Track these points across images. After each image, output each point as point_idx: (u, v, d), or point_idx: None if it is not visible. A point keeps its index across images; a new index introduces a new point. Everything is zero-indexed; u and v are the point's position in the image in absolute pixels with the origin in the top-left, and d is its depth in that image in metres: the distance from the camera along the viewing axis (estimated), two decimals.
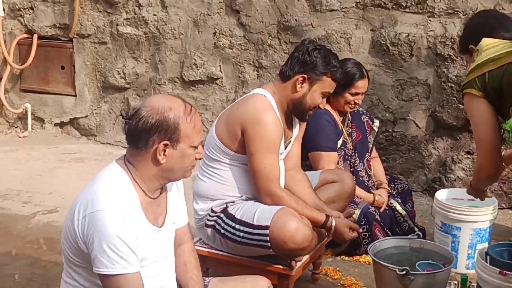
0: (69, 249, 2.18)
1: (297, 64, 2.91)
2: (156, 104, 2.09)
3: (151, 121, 2.06)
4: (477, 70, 2.39)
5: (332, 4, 4.50)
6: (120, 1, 5.18)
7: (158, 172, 2.14)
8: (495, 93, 2.35)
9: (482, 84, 2.35)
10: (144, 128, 2.06)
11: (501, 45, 2.38)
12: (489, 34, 2.50)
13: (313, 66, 2.88)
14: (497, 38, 2.47)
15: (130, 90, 5.35)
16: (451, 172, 4.37)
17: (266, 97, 2.91)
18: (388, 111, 4.49)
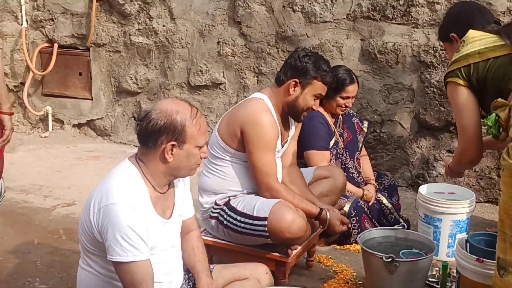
0: (86, 238, 2.18)
1: (290, 69, 2.92)
2: (165, 108, 2.11)
3: (160, 123, 2.07)
4: (462, 61, 2.31)
5: (325, 16, 4.50)
6: (133, 13, 5.18)
7: (166, 170, 2.15)
8: (478, 84, 2.29)
9: (467, 74, 2.29)
10: (154, 129, 2.08)
11: (487, 38, 2.31)
12: (471, 22, 2.43)
13: (304, 71, 2.88)
14: (478, 27, 2.40)
15: (141, 94, 5.34)
16: (433, 168, 4.37)
17: (264, 101, 2.91)
18: (376, 113, 4.49)
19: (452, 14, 2.62)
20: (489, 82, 2.25)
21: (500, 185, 2.17)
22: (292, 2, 4.58)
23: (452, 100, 2.40)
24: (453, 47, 2.49)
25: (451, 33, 2.51)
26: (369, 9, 4.37)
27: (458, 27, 2.47)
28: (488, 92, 2.27)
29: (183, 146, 2.13)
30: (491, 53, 2.25)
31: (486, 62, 2.25)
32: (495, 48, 2.26)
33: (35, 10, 5.58)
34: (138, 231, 2.05)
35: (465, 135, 2.34)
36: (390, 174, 4.32)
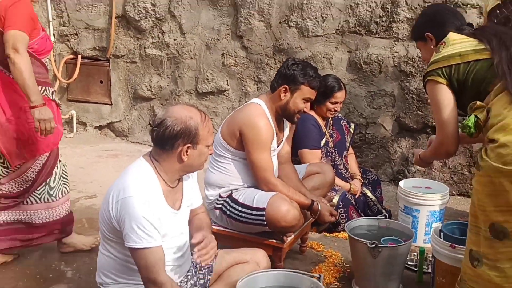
0: (105, 227, 2.19)
1: (280, 77, 2.92)
2: (179, 115, 2.11)
3: (176, 129, 2.09)
4: (444, 61, 2.22)
5: (317, 31, 4.50)
6: (147, 28, 5.18)
7: (181, 167, 2.18)
8: (458, 85, 2.21)
9: (448, 74, 2.20)
10: (171, 134, 2.09)
11: (467, 42, 2.23)
12: (445, 22, 2.34)
13: (292, 78, 2.87)
14: (452, 27, 2.32)
15: (155, 100, 5.34)
16: (412, 165, 4.37)
17: (260, 105, 2.92)
18: (361, 116, 4.49)
19: (427, 15, 2.50)
20: (469, 84, 2.18)
21: (473, 183, 2.12)
22: (288, 18, 4.58)
23: (432, 97, 2.28)
24: (427, 46, 2.41)
25: (426, 32, 2.39)
26: (356, 25, 4.37)
27: (433, 26, 2.38)
28: (467, 93, 2.20)
29: (196, 147, 2.15)
30: (472, 56, 2.18)
31: (467, 64, 2.18)
32: (476, 52, 2.18)
33: (61, 26, 5.59)
34: (151, 221, 2.06)
35: (444, 130, 2.25)
36: (374, 170, 4.32)
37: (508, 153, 1.93)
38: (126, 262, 2.18)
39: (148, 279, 2.07)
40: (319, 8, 4.45)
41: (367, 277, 2.78)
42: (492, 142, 2.01)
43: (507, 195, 1.96)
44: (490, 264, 2.04)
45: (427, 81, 2.23)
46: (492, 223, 2.00)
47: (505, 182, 1.95)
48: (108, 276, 2.25)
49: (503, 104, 2.01)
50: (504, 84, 2.03)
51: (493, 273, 2.03)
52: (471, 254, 2.10)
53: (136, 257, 2.07)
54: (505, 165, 1.93)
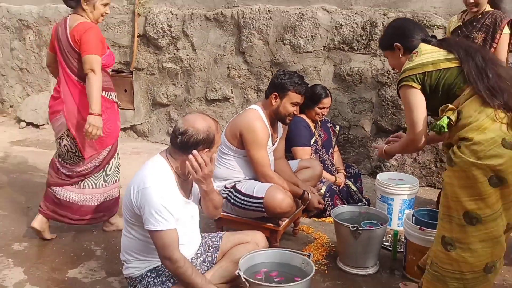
0: (127, 213, 2.19)
1: (271, 86, 2.92)
2: (199, 125, 2.13)
3: (199, 138, 2.13)
4: (418, 68, 2.13)
5: (307, 48, 4.49)
6: (164, 46, 5.17)
7: None
8: (429, 89, 2.14)
9: (421, 80, 2.12)
10: (194, 142, 2.12)
11: (437, 52, 2.16)
12: (412, 34, 2.26)
13: (280, 86, 2.87)
14: (416, 38, 2.25)
15: (171, 106, 5.33)
16: (387, 161, 4.36)
17: (257, 111, 2.92)
18: (345, 120, 4.47)
19: (395, 27, 2.39)
20: (440, 88, 2.12)
21: (446, 178, 2.10)
22: (283, 37, 4.57)
23: (406, 100, 2.18)
24: (395, 54, 2.31)
25: (395, 42, 2.29)
26: (340, 43, 4.36)
27: (401, 38, 2.27)
28: (438, 96, 2.14)
29: (211, 149, 2.18)
30: (443, 64, 2.12)
31: (438, 71, 2.11)
32: (447, 60, 2.12)
33: None
34: (167, 207, 2.06)
35: (415, 129, 2.17)
36: (355, 165, 4.31)
37: (481, 149, 1.94)
38: (146, 242, 2.19)
39: (164, 257, 2.07)
40: (309, 29, 4.44)
41: (349, 255, 2.78)
42: (465, 140, 2.01)
43: (480, 186, 1.97)
44: (464, 247, 2.04)
45: (402, 85, 2.17)
46: (466, 211, 2.00)
47: (478, 174, 1.96)
48: (130, 254, 2.25)
49: (475, 107, 2.02)
50: (474, 89, 2.03)
51: (467, 254, 2.03)
52: (444, 240, 2.08)
53: (154, 238, 2.07)
54: (479, 160, 1.95)
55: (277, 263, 2.32)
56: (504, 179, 1.96)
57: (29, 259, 2.87)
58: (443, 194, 2.13)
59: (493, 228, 2.01)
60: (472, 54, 2.10)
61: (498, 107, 1.99)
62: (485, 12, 3.15)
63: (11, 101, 6.43)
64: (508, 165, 1.95)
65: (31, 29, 5.99)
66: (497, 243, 2.04)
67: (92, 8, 2.85)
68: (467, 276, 2.05)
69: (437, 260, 2.13)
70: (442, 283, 2.11)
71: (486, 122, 1.98)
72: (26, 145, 5.30)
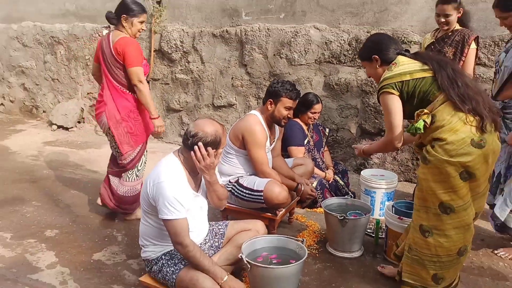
0: (145, 204, 2.19)
1: (266, 94, 2.93)
2: (208, 129, 2.12)
3: (207, 140, 2.12)
4: (396, 77, 2.11)
5: (301, 61, 4.49)
6: (177, 59, 5.17)
7: None
8: (406, 96, 2.13)
9: (400, 88, 2.11)
10: (203, 144, 2.11)
11: (413, 63, 2.16)
12: (388, 48, 2.24)
13: (274, 93, 2.87)
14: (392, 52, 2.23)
15: (182, 111, 5.33)
16: (371, 160, 4.36)
17: (256, 116, 2.92)
18: (333, 123, 4.47)
19: (373, 41, 2.34)
20: (416, 95, 2.11)
21: (420, 174, 2.11)
22: (280, 52, 4.57)
23: (386, 105, 2.15)
24: (373, 65, 2.28)
25: (374, 55, 2.26)
26: (329, 56, 4.36)
27: (378, 51, 2.25)
28: (413, 102, 2.13)
29: (218, 150, 2.17)
30: (419, 74, 2.12)
31: (414, 80, 2.11)
32: (422, 71, 2.12)
33: None
34: (178, 199, 2.06)
35: (394, 131, 2.16)
36: (343, 163, 4.31)
37: (454, 148, 1.98)
38: (160, 230, 2.18)
39: (176, 242, 2.07)
40: (303, 44, 4.44)
41: (337, 240, 2.77)
42: (439, 141, 2.03)
43: (452, 180, 2.00)
44: (440, 233, 2.07)
45: (382, 92, 2.16)
46: (441, 202, 2.04)
47: (451, 170, 1.99)
48: (147, 239, 2.25)
49: (448, 112, 2.04)
50: (446, 96, 2.05)
51: (443, 240, 2.07)
52: (422, 228, 2.11)
53: (167, 226, 2.07)
54: (452, 157, 1.98)
55: (275, 247, 2.32)
56: (473, 173, 1.99)
57: (59, 244, 2.87)
58: (418, 189, 2.14)
59: (464, 216, 2.04)
60: (443, 66, 2.11)
61: (468, 111, 2.01)
62: (455, 30, 3.17)
63: (44, 107, 6.44)
64: (476, 162, 1.98)
65: (62, 44, 6.00)
66: (468, 230, 2.07)
67: (130, 25, 2.93)
68: (443, 259, 2.09)
69: (416, 246, 2.15)
70: (421, 266, 2.15)
71: (458, 125, 2.01)
72: (57, 145, 5.30)
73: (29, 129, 6.05)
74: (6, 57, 6.53)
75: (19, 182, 3.99)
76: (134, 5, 2.91)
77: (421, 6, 3.95)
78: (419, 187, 2.12)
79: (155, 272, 2.23)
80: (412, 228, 2.20)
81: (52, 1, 5.97)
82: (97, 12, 5.64)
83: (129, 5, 2.91)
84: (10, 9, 6.37)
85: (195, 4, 5.01)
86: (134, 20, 2.92)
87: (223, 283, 2.07)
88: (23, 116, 6.63)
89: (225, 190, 2.37)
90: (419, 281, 2.18)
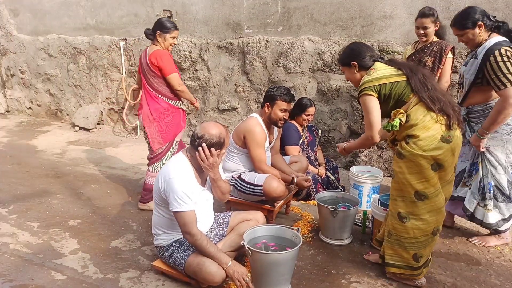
0: (157, 197, 2.18)
1: (264, 98, 2.91)
2: (213, 131, 2.11)
3: (212, 141, 2.11)
4: (375, 81, 2.13)
5: (296, 69, 4.47)
6: (186, 67, 5.15)
7: None
8: (384, 97, 2.15)
9: (378, 90, 2.13)
10: (208, 145, 2.10)
11: (389, 69, 2.18)
12: (365, 54, 2.24)
13: (270, 97, 2.85)
14: (368, 58, 2.23)
15: (190, 114, 5.30)
16: (359, 157, 4.34)
17: (256, 118, 2.91)
18: (325, 125, 4.46)
19: (352, 49, 2.30)
20: (392, 97, 2.14)
21: (396, 168, 2.14)
22: (277, 61, 4.56)
23: (366, 105, 2.15)
24: (351, 70, 2.28)
25: (352, 61, 2.25)
26: (322, 65, 4.35)
27: (357, 57, 2.25)
28: (389, 103, 2.16)
29: (222, 150, 2.15)
30: (394, 78, 2.14)
31: (391, 83, 2.13)
32: (398, 75, 2.14)
33: (130, 66, 5.56)
34: (186, 193, 2.05)
35: (373, 128, 2.16)
36: (334, 160, 4.29)
37: (426, 144, 2.05)
38: (170, 220, 2.18)
39: (185, 232, 2.06)
40: (298, 55, 4.43)
41: (329, 229, 2.76)
42: (413, 137, 2.08)
43: (425, 171, 2.07)
44: (416, 218, 2.13)
45: (362, 94, 2.16)
46: (416, 191, 2.10)
47: (424, 163, 2.06)
48: (159, 229, 2.24)
49: (420, 112, 2.09)
50: (419, 98, 2.10)
51: (419, 223, 2.13)
52: (400, 215, 2.16)
53: (177, 217, 2.07)
54: (425, 152, 2.05)
55: (273, 235, 2.31)
56: (442, 165, 2.07)
57: (81, 233, 2.86)
58: (394, 181, 2.19)
59: (436, 201, 2.11)
60: (415, 72, 2.15)
61: (438, 111, 2.07)
62: (433, 42, 3.19)
63: (67, 110, 6.43)
64: (445, 155, 2.05)
65: (83, 55, 5.98)
66: (439, 212, 2.14)
67: (163, 39, 3.10)
68: (420, 239, 2.15)
69: (395, 231, 2.20)
70: (402, 248, 2.20)
71: (430, 123, 2.06)
72: (79, 145, 5.29)
73: (54, 130, 6.04)
74: (34, 66, 6.52)
75: (45, 177, 3.98)
76: (167, 23, 3.10)
77: (403, 21, 3.94)
78: (395, 179, 2.16)
79: (166, 257, 2.22)
80: (390, 216, 2.24)
81: (75, 16, 5.96)
82: (115, 26, 5.63)
83: (163, 23, 3.10)
84: (37, 23, 6.35)
85: (202, 18, 4.99)
86: (167, 35, 3.09)
87: (227, 267, 2.06)
88: (48, 119, 6.62)
89: (228, 185, 2.36)
90: (401, 261, 2.23)
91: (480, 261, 2.55)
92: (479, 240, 2.75)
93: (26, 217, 3.08)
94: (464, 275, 2.39)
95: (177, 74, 3.12)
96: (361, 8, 4.09)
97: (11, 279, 2.31)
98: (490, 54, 2.36)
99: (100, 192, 3.64)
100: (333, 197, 2.96)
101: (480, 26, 2.43)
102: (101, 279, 2.31)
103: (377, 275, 2.36)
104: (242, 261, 2.42)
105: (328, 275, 2.37)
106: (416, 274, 2.23)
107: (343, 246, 2.71)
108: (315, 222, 3.06)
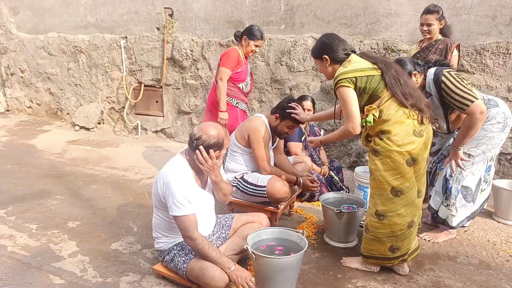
0: (156, 200, 2.13)
1: (278, 107, 2.84)
2: (211, 132, 2.06)
3: (210, 142, 2.05)
4: (351, 73, 2.11)
5: (299, 68, 4.41)
6: (187, 66, 5.10)
7: None
8: (359, 90, 2.13)
9: (354, 82, 2.11)
10: (206, 146, 2.05)
11: (364, 62, 2.17)
12: (337, 48, 2.22)
13: (284, 113, 2.78)
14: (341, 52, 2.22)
15: (192, 113, 5.26)
16: (363, 157, 4.29)
17: (262, 118, 2.86)
18: (329, 124, 4.40)
19: (324, 42, 2.27)
20: (366, 91, 2.13)
21: (372, 165, 2.16)
22: (280, 59, 4.50)
23: (343, 97, 2.13)
24: (323, 63, 2.27)
25: (324, 55, 2.24)
26: None
27: (329, 50, 2.23)
28: (364, 96, 2.15)
29: (221, 151, 2.10)
30: (369, 71, 2.13)
31: (366, 77, 2.11)
32: (373, 69, 2.14)
33: (131, 64, 5.51)
34: (186, 197, 2.00)
35: (353, 119, 2.14)
36: (338, 160, 4.24)
37: (400, 139, 2.09)
38: (170, 223, 2.13)
39: (186, 236, 2.01)
40: (301, 53, 4.37)
41: (334, 232, 2.71)
42: (386, 133, 2.11)
43: (400, 166, 2.10)
44: (393, 214, 2.18)
45: (339, 86, 2.13)
46: (393, 187, 2.14)
47: (399, 158, 2.09)
48: (159, 232, 2.20)
49: (393, 107, 2.12)
50: (391, 93, 2.12)
51: (395, 219, 2.17)
52: (377, 213, 2.21)
53: (177, 222, 2.01)
54: (399, 147, 2.09)
55: (277, 238, 2.26)
56: (416, 159, 2.10)
57: (80, 235, 2.81)
58: (371, 179, 2.21)
59: (411, 195, 2.15)
60: (389, 67, 2.15)
61: (411, 106, 2.10)
62: (438, 40, 3.20)
63: (67, 109, 6.38)
64: (418, 149, 2.09)
65: (83, 53, 5.93)
66: (413, 205, 2.17)
67: (247, 44, 3.38)
68: (397, 233, 2.20)
69: (372, 228, 2.25)
70: (378, 242, 2.25)
71: (402, 118, 2.09)
72: (79, 144, 5.25)
73: (54, 129, 5.99)
74: (34, 64, 6.47)
75: (45, 178, 3.93)
76: (256, 32, 3.36)
77: (409, 18, 3.87)
78: (372, 177, 2.19)
79: (167, 261, 2.16)
80: (368, 213, 2.28)
81: (75, 14, 5.90)
82: (115, 24, 5.57)
83: (252, 30, 3.34)
84: (37, 22, 6.31)
85: (203, 16, 4.93)
86: (251, 42, 3.36)
87: (230, 272, 2.01)
88: (48, 118, 6.58)
89: (230, 187, 2.30)
90: (377, 253, 2.28)
91: (490, 264, 2.49)
92: (429, 236, 2.79)
93: (24, 219, 3.03)
94: (474, 279, 2.33)
95: (226, 70, 3.25)
96: (366, 5, 4.02)
97: (8, 283, 2.25)
98: (438, 82, 2.42)
99: (100, 192, 3.58)
100: (338, 198, 2.91)
101: (415, 74, 2.52)
102: (100, 283, 2.25)
103: (384, 280, 2.31)
104: (245, 264, 2.36)
105: (334, 279, 2.31)
106: (391, 263, 2.29)
107: (349, 249, 2.66)
108: (319, 224, 3.00)
